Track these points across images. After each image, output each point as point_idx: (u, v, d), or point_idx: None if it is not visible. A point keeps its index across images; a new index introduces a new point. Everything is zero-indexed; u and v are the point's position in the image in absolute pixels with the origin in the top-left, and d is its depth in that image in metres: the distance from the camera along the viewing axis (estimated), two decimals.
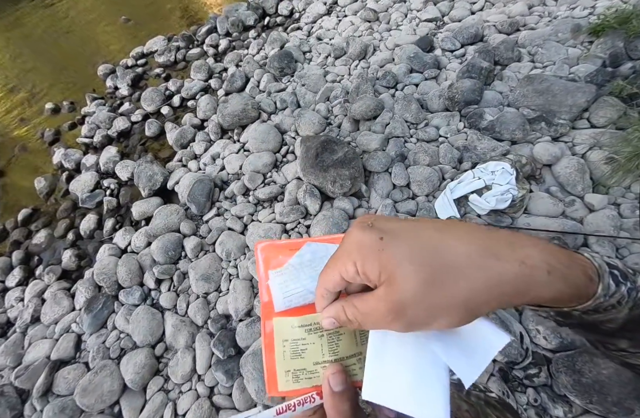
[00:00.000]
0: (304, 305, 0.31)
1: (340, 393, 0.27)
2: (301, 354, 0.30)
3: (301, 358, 0.30)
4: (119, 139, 2.29)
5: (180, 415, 1.16)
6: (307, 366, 0.30)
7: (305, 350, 0.30)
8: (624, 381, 0.89)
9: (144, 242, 1.63)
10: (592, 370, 0.93)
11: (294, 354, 0.30)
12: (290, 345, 0.30)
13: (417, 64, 2.02)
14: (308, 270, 0.32)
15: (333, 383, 0.28)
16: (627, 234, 1.21)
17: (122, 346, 1.34)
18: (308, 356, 0.30)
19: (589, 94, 1.50)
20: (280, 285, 0.31)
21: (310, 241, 0.33)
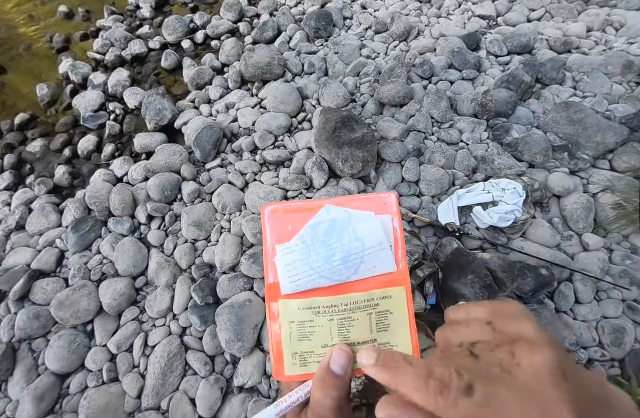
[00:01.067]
0: (313, 288, 0.30)
1: (336, 376, 0.26)
2: (309, 336, 0.30)
3: (309, 341, 0.30)
4: (132, 63, 2.22)
5: (150, 346, 1.28)
6: (315, 349, 0.29)
7: (313, 332, 0.30)
8: None
9: (142, 176, 1.68)
10: None
11: (301, 336, 0.30)
12: (297, 326, 0.30)
13: (458, 61, 2.04)
14: (321, 248, 0.30)
15: (333, 361, 0.27)
16: (611, 279, 1.32)
17: (104, 272, 1.43)
18: (316, 339, 0.29)
19: (619, 136, 1.56)
20: (287, 267, 0.30)
21: (330, 204, 0.31)
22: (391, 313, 0.30)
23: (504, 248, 1.43)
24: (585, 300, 1.31)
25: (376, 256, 0.29)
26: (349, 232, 0.29)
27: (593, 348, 1.24)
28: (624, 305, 1.30)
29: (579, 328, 1.27)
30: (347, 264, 0.29)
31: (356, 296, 0.30)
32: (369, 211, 0.30)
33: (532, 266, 1.30)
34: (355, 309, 0.30)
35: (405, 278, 0.30)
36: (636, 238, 1.43)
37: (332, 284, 0.29)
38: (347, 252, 0.29)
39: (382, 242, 0.29)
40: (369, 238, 0.29)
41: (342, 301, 0.30)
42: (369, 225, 0.29)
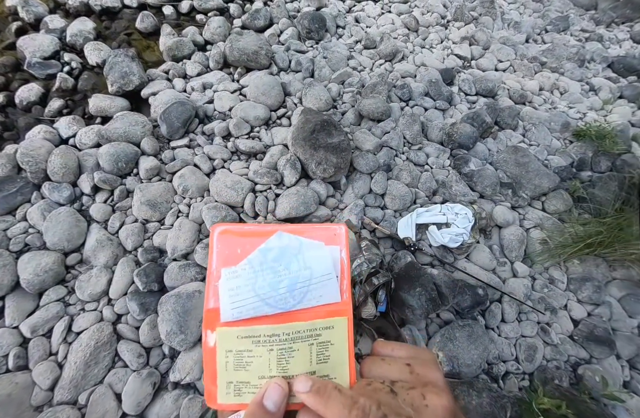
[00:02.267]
0: (254, 317, 0.30)
1: (267, 412, 0.27)
2: (245, 366, 0.30)
3: (245, 371, 0.30)
4: (100, 16, 2.05)
5: (75, 333, 1.16)
6: (252, 379, 0.30)
7: (251, 362, 0.30)
8: (484, 413, 1.17)
9: (93, 141, 1.55)
10: (466, 398, 1.20)
11: (237, 366, 0.30)
12: (234, 355, 0.30)
13: (434, 91, 2.33)
14: (269, 274, 0.30)
15: (267, 397, 0.28)
16: (531, 303, 1.58)
17: (28, 242, 1.26)
18: (253, 370, 0.30)
19: (552, 183, 1.92)
20: (230, 292, 0.30)
21: (283, 230, 0.31)
22: (332, 344, 0.31)
23: (450, 267, 1.63)
24: (509, 319, 1.54)
25: (322, 285, 0.30)
26: (299, 259, 0.30)
27: (510, 362, 1.45)
28: (538, 327, 1.55)
29: (501, 343, 1.48)
30: (294, 292, 0.29)
31: (299, 326, 0.30)
32: (320, 240, 0.31)
33: (471, 285, 1.50)
34: (297, 339, 0.30)
35: (348, 309, 0.31)
36: (554, 271, 1.73)
37: (276, 312, 0.30)
38: (295, 280, 0.30)
39: (330, 272, 0.30)
40: (318, 267, 0.30)
41: (284, 331, 0.30)
42: (318, 254, 0.30)
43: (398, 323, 1.44)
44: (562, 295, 1.65)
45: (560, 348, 1.51)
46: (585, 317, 1.61)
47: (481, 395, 1.21)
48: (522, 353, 1.47)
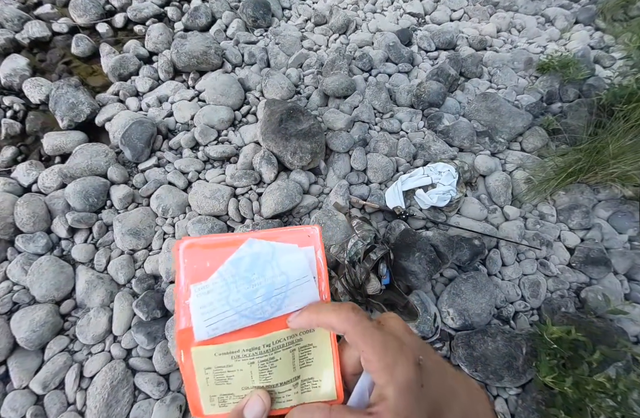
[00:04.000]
0: (232, 331, 0.25)
1: None
2: (227, 380, 0.26)
3: (227, 384, 0.26)
4: (31, 50, 1.75)
5: (87, 378, 1.03)
6: (235, 391, 0.26)
7: (232, 376, 0.26)
8: (502, 355, 1.12)
9: (57, 182, 1.33)
10: (482, 345, 1.15)
11: (218, 380, 0.26)
12: (213, 372, 0.26)
13: (394, 55, 2.02)
14: (243, 285, 0.25)
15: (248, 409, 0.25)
16: (527, 242, 1.48)
17: (15, 301, 1.10)
18: (235, 383, 0.26)
19: (526, 122, 1.74)
20: (203, 309, 0.25)
21: (254, 237, 0.26)
22: (315, 346, 0.27)
23: (444, 225, 1.50)
24: (509, 262, 1.44)
25: (300, 289, 0.26)
26: (273, 266, 0.26)
27: (518, 302, 1.37)
28: (537, 263, 1.45)
29: (506, 287, 1.39)
30: (271, 300, 0.25)
31: (279, 335, 0.26)
32: (293, 243, 0.27)
33: (467, 239, 1.39)
34: (278, 348, 0.26)
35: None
36: (543, 206, 1.61)
37: (254, 323, 0.25)
38: (271, 287, 0.25)
39: (307, 274, 0.26)
40: (293, 271, 0.26)
41: (264, 343, 0.26)
42: (293, 258, 0.26)
43: (405, 291, 1.33)
44: (554, 228, 1.54)
45: (561, 278, 1.43)
46: (579, 243, 1.51)
47: (495, 339, 1.16)
48: (526, 290, 1.39)
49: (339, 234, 1.35)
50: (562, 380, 0.97)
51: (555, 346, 1.04)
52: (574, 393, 0.95)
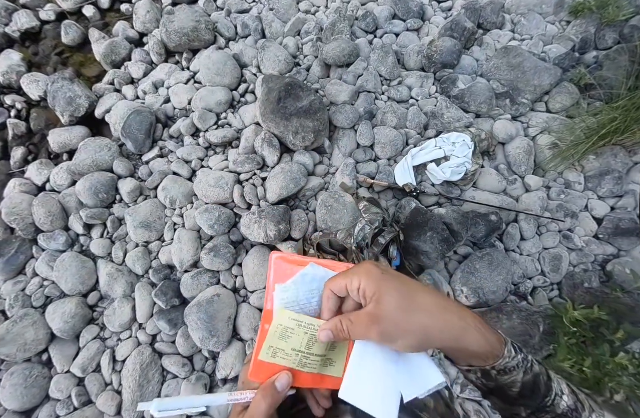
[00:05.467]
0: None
1: (275, 389, 0.33)
2: (286, 339, 0.37)
3: (284, 342, 0.37)
4: (23, 42, 1.69)
5: (120, 361, 1.12)
6: (286, 349, 0.37)
7: (290, 337, 0.37)
8: (517, 333, 1.09)
9: (67, 180, 1.35)
10: (496, 324, 1.12)
11: (281, 336, 0.37)
12: (282, 329, 0.37)
13: (401, 10, 1.78)
14: (305, 291, 0.38)
15: (278, 380, 0.34)
16: (549, 214, 1.36)
17: (47, 295, 1.19)
18: (290, 342, 0.37)
19: (553, 77, 1.51)
20: (281, 300, 0.37)
21: (315, 262, 0.39)
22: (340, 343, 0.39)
23: (458, 201, 1.40)
24: (528, 236, 1.35)
25: None
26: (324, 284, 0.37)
27: (537, 277, 1.30)
28: (560, 236, 1.36)
29: (524, 261, 1.32)
30: (320, 305, 0.37)
31: None
32: (337, 272, 0.38)
33: (482, 214, 1.30)
34: None
35: None
36: (569, 173, 1.45)
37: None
38: (321, 297, 0.37)
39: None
40: None
41: (318, 324, 0.37)
42: None
43: (416, 271, 1.30)
44: (581, 197, 1.41)
45: (586, 251, 1.33)
46: (609, 213, 1.38)
47: (511, 317, 1.13)
48: (546, 265, 1.31)
49: (346, 216, 1.30)
50: (581, 361, 0.94)
51: (575, 329, 1.00)
52: (594, 373, 0.92)
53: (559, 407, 0.33)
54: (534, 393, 0.34)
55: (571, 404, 0.33)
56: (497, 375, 0.33)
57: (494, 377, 0.34)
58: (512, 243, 1.34)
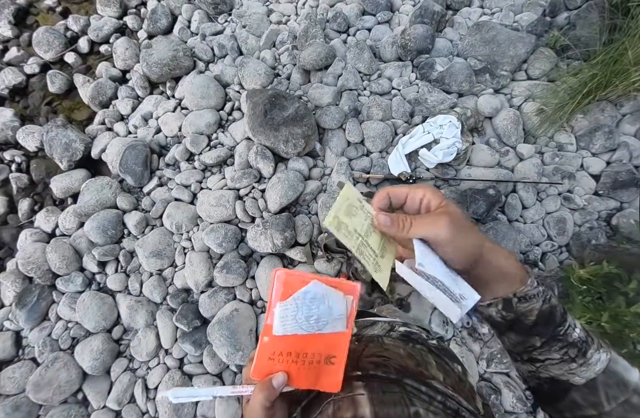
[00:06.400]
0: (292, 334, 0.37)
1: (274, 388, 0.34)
2: (350, 216, 0.37)
3: (349, 218, 0.37)
4: (13, 98, 1.76)
5: (152, 389, 1.13)
6: (350, 226, 0.36)
7: (355, 215, 0.37)
8: None
9: (75, 223, 1.39)
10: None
11: (347, 211, 0.37)
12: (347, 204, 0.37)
13: (370, 5, 1.78)
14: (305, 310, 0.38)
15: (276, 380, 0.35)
16: (546, 179, 1.35)
17: (73, 336, 1.21)
18: (353, 221, 0.37)
19: (529, 45, 1.49)
20: (281, 318, 0.37)
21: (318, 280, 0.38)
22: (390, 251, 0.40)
23: (455, 181, 1.40)
24: (529, 204, 1.34)
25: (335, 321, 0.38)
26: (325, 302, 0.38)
27: (544, 243, 1.29)
28: (560, 198, 1.34)
29: (529, 230, 1.30)
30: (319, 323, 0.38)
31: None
32: (341, 291, 0.38)
33: (480, 190, 1.30)
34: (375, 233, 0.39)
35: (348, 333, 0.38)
36: (559, 136, 1.43)
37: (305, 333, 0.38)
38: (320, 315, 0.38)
39: (342, 313, 0.38)
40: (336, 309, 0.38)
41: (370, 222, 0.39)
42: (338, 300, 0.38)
43: None
44: (575, 157, 1.39)
45: (588, 209, 1.32)
46: (605, 168, 1.35)
47: None
48: (552, 229, 1.30)
49: None
50: (598, 317, 0.92)
51: (586, 287, 0.97)
52: (612, 326, 0.90)
53: (571, 336, 0.35)
54: (549, 322, 0.35)
55: (582, 336, 0.35)
56: (517, 303, 0.35)
57: (514, 305, 0.35)
58: (514, 213, 1.32)
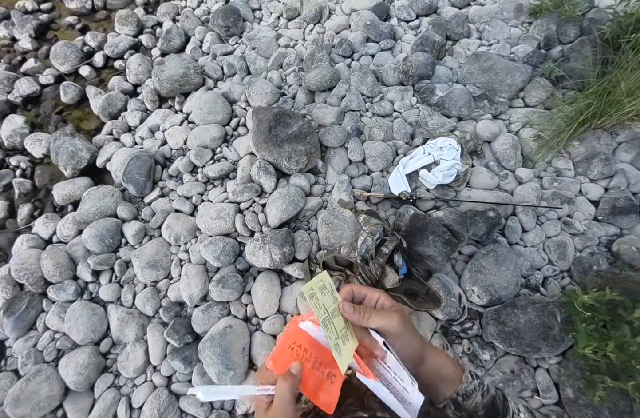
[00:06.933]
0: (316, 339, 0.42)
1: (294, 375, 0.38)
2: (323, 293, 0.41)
3: (321, 293, 0.41)
4: (25, 106, 1.82)
5: (137, 408, 1.07)
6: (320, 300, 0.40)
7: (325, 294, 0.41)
8: (535, 327, 1.05)
9: (73, 230, 1.38)
10: (513, 319, 1.09)
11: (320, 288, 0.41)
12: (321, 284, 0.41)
13: (374, 33, 1.89)
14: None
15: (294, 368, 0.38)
16: (546, 203, 1.37)
17: (59, 347, 1.17)
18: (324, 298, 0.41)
19: (525, 75, 1.57)
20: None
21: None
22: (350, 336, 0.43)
23: (454, 202, 1.42)
24: (530, 227, 1.34)
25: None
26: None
27: (545, 267, 1.28)
28: (560, 223, 1.35)
29: (530, 253, 1.30)
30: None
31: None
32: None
33: (480, 212, 1.30)
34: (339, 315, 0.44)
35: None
36: (557, 161, 1.47)
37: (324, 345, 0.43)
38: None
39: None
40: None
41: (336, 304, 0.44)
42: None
43: (424, 276, 1.26)
44: (574, 182, 1.41)
45: (589, 234, 1.32)
46: (604, 194, 1.37)
47: (526, 310, 1.09)
48: (552, 254, 1.29)
49: (348, 231, 1.30)
50: (604, 346, 0.89)
51: (590, 314, 0.96)
52: (618, 356, 0.87)
53: None
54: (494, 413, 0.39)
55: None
56: (463, 402, 0.39)
57: (462, 404, 0.39)
58: (514, 236, 1.33)
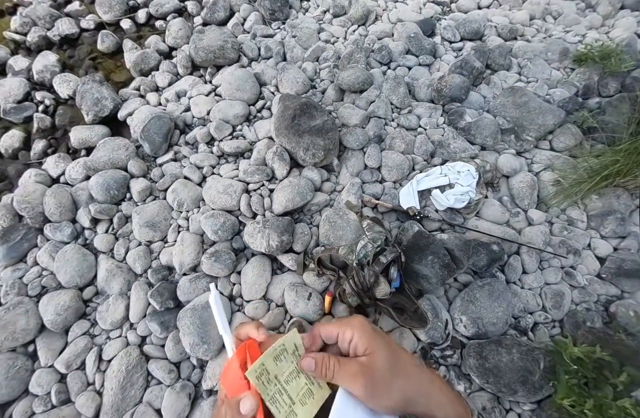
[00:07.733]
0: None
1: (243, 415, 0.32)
2: (278, 361, 0.36)
3: (275, 363, 0.35)
4: (61, 46, 1.83)
5: (105, 361, 1.11)
6: (272, 373, 0.35)
7: (282, 361, 0.36)
8: (516, 369, 1.05)
9: (82, 174, 1.41)
10: (495, 357, 1.08)
11: (276, 357, 0.36)
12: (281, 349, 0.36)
13: (415, 46, 1.95)
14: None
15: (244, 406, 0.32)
16: (552, 249, 1.38)
17: (44, 285, 1.20)
18: (278, 366, 0.36)
19: (557, 118, 1.61)
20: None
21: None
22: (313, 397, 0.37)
23: (461, 228, 1.43)
24: (530, 270, 1.35)
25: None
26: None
27: (538, 313, 1.29)
28: (562, 272, 1.36)
29: (525, 295, 1.31)
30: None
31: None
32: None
33: (485, 243, 1.31)
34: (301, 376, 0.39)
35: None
36: (572, 211, 1.49)
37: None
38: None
39: None
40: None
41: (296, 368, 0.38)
42: None
43: (415, 295, 1.28)
44: (584, 235, 1.42)
45: (589, 289, 1.32)
46: (612, 253, 1.38)
47: (511, 351, 1.09)
48: (548, 301, 1.29)
49: (349, 233, 1.34)
50: (582, 402, 0.90)
51: (575, 367, 0.96)
52: (595, 416, 0.87)
53: None
54: None
55: None
56: None
57: None
58: (513, 275, 1.33)
